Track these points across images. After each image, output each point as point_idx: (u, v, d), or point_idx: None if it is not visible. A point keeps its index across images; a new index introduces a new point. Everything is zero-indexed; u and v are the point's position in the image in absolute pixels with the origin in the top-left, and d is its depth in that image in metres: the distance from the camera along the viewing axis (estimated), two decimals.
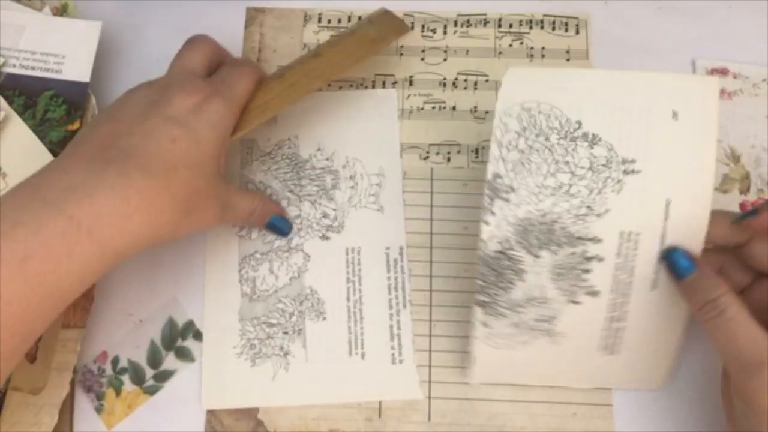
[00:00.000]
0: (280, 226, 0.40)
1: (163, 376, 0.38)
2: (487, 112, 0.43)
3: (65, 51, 0.41)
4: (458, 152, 0.42)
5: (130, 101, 0.33)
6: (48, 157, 0.39)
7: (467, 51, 0.44)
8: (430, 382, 0.38)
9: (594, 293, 0.34)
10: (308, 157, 0.42)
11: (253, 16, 0.45)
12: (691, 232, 0.33)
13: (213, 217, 0.34)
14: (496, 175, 0.33)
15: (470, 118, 0.43)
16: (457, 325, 0.39)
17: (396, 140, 0.42)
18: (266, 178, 0.41)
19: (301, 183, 0.41)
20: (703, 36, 0.44)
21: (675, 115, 0.32)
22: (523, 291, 0.34)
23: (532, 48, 0.44)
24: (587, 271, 0.33)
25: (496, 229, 0.33)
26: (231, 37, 0.44)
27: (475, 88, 0.44)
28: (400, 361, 0.38)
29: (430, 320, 0.39)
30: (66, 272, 0.28)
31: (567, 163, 0.32)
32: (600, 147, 0.32)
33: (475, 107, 0.43)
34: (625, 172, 0.32)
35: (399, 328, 0.39)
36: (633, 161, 0.32)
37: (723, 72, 0.43)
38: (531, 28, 0.45)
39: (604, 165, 0.32)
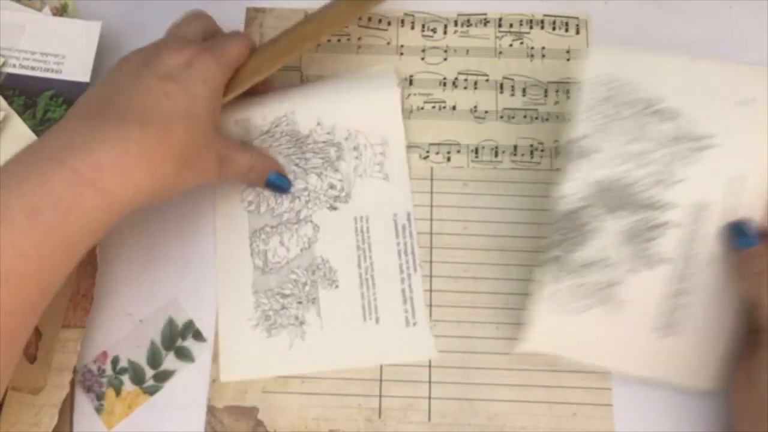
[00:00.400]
0: (278, 182, 0.40)
1: (163, 376, 0.38)
2: (486, 112, 0.43)
3: (65, 51, 0.41)
4: (458, 152, 0.42)
5: (123, 67, 0.34)
6: None
7: (467, 51, 0.44)
8: (430, 382, 0.38)
9: (660, 261, 0.35)
10: (308, 132, 0.41)
11: (253, 16, 0.45)
12: (758, 208, 0.35)
13: (212, 170, 0.36)
14: (582, 136, 0.35)
15: (470, 118, 0.43)
16: (458, 325, 0.39)
17: (397, 108, 0.42)
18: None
19: (305, 156, 0.41)
20: (703, 36, 0.44)
21: (749, 100, 0.35)
22: (592, 252, 0.35)
23: (532, 48, 0.44)
24: (655, 238, 0.35)
25: (574, 187, 0.35)
26: None
27: (475, 88, 0.44)
28: (414, 324, 0.39)
29: (430, 320, 0.39)
30: (74, 223, 0.29)
31: (644, 134, 0.35)
32: (675, 122, 0.35)
33: (475, 107, 0.43)
34: (698, 148, 0.35)
35: (411, 291, 0.39)
36: (705, 138, 0.35)
37: None
38: (531, 28, 0.45)
39: (677, 139, 0.35)
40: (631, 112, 0.35)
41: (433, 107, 0.43)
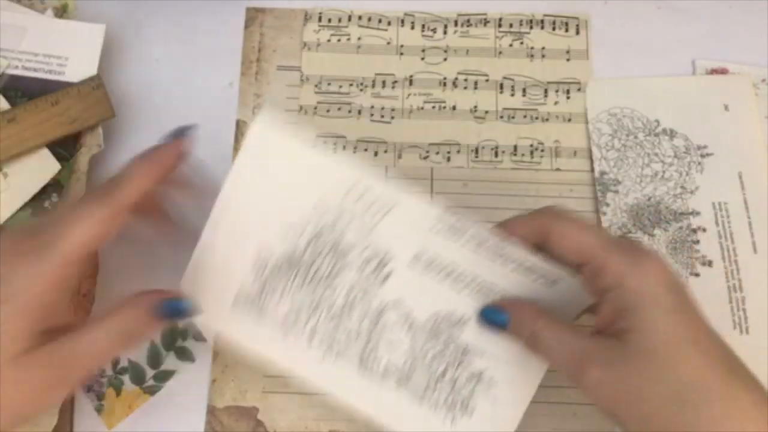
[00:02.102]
0: (177, 308, 0.30)
1: (163, 376, 0.38)
2: (486, 112, 0.43)
3: (68, 53, 0.41)
4: (458, 152, 0.42)
5: None
6: (48, 157, 0.39)
7: (467, 51, 0.44)
8: None
9: (708, 263, 0.39)
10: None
11: (253, 16, 0.45)
12: (760, 200, 0.40)
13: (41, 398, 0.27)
14: (603, 173, 0.41)
15: (470, 118, 0.43)
16: None
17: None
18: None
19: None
20: (703, 36, 0.44)
21: (726, 107, 0.42)
22: None
23: (532, 48, 0.44)
24: (696, 242, 0.39)
25: (612, 217, 0.40)
26: (231, 37, 0.45)
27: (475, 88, 0.44)
28: None
29: None
30: None
31: (656, 154, 0.41)
32: (678, 138, 0.41)
33: (475, 107, 0.43)
34: (702, 156, 0.40)
35: None
36: (705, 146, 0.40)
37: (723, 72, 0.43)
38: (531, 28, 0.45)
39: (684, 152, 0.41)
40: (644, 135, 0.41)
41: (433, 107, 0.43)
